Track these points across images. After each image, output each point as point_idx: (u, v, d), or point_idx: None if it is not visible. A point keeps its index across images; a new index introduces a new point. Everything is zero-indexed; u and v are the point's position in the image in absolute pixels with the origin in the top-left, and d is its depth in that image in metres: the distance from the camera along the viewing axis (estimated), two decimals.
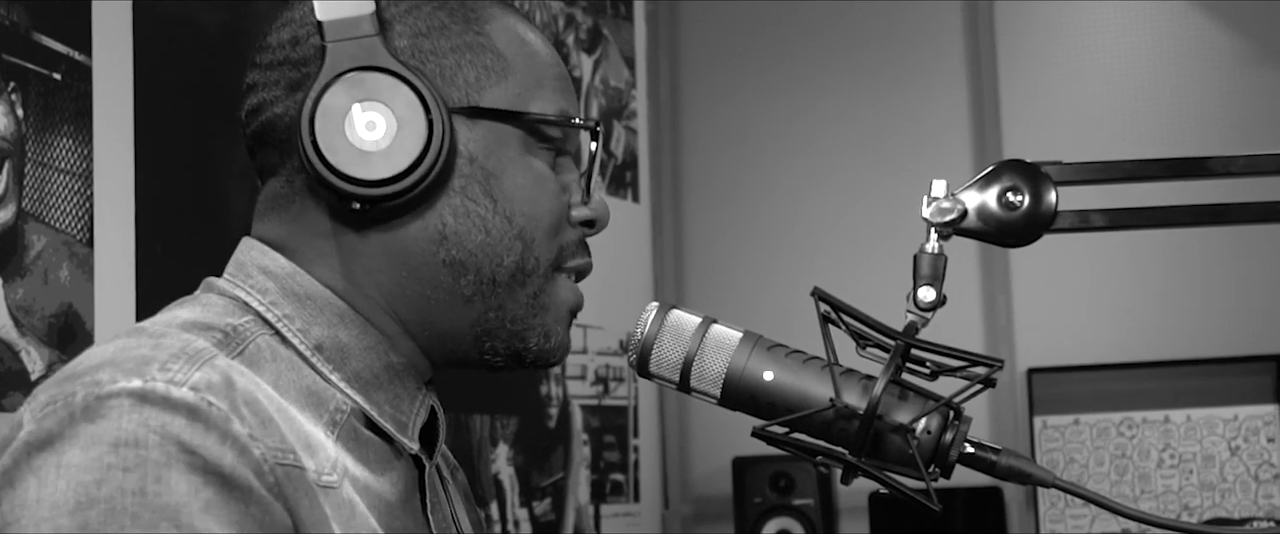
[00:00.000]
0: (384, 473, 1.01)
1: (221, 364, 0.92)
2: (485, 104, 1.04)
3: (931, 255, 1.04)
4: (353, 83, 0.99)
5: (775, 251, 3.47)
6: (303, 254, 1.04)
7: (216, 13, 1.95)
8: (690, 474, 3.50)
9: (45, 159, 1.68)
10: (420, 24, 1.04)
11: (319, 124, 0.98)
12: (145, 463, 0.84)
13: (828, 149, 3.47)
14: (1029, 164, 1.07)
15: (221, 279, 1.05)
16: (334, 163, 0.98)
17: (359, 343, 1.02)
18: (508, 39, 1.07)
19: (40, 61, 1.67)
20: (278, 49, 1.05)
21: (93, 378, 0.88)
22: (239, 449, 0.87)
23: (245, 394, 0.91)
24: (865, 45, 3.47)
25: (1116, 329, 3.22)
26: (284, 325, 1.01)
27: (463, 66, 1.04)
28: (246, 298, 1.02)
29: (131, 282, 1.76)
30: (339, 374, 1.01)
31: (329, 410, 0.99)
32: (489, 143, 1.04)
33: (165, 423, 0.86)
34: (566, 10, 2.97)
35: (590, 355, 2.94)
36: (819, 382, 0.99)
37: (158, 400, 0.86)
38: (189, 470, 0.85)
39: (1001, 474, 0.99)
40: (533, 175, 1.05)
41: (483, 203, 1.02)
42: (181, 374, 0.89)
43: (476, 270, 1.03)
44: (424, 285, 1.03)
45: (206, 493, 0.85)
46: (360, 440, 1.00)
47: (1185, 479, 3.05)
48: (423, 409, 1.06)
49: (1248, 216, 1.07)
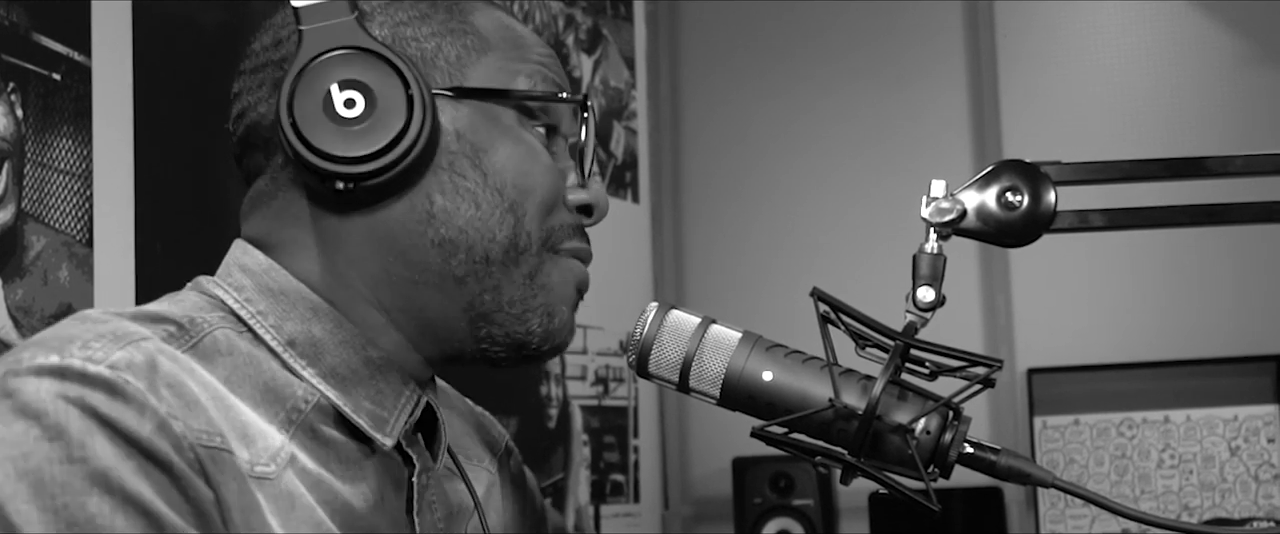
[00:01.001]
0: (350, 472, 1.00)
1: (149, 347, 0.91)
2: (469, 83, 1.03)
3: (931, 255, 1.04)
4: (330, 63, 0.98)
5: (775, 252, 3.47)
6: (284, 248, 1.03)
7: (216, 13, 1.95)
8: (690, 475, 3.50)
9: (45, 159, 1.68)
10: (400, 14, 1.04)
11: (298, 105, 0.97)
12: (66, 434, 0.85)
13: (827, 149, 3.47)
14: (1028, 164, 1.07)
15: (206, 278, 1.04)
16: (314, 142, 0.97)
17: (333, 337, 1.01)
18: (490, 23, 1.07)
19: (40, 62, 1.67)
20: (260, 53, 1.06)
21: (16, 356, 0.89)
22: (157, 422, 0.87)
23: (168, 376, 0.90)
24: (865, 45, 3.47)
25: (1116, 329, 3.22)
26: (257, 322, 1.00)
27: (443, 48, 1.04)
28: (222, 295, 1.01)
29: (131, 282, 1.76)
30: (312, 369, 1.00)
31: (286, 408, 0.98)
32: (476, 120, 1.03)
33: (83, 395, 0.86)
34: (566, 10, 2.97)
35: (590, 356, 2.94)
36: (818, 382, 0.99)
37: (74, 376, 0.87)
38: (110, 440, 0.85)
39: (1001, 474, 0.99)
40: (524, 148, 1.04)
41: (471, 177, 1.01)
42: (101, 353, 0.88)
43: (468, 248, 1.01)
44: (412, 270, 1.01)
45: (133, 461, 0.85)
46: (320, 438, 0.99)
47: (1185, 479, 3.05)
48: (409, 406, 1.04)
49: (1247, 217, 1.07)
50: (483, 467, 1.21)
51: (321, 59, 0.98)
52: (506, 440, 1.30)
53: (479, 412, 1.30)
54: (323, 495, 0.97)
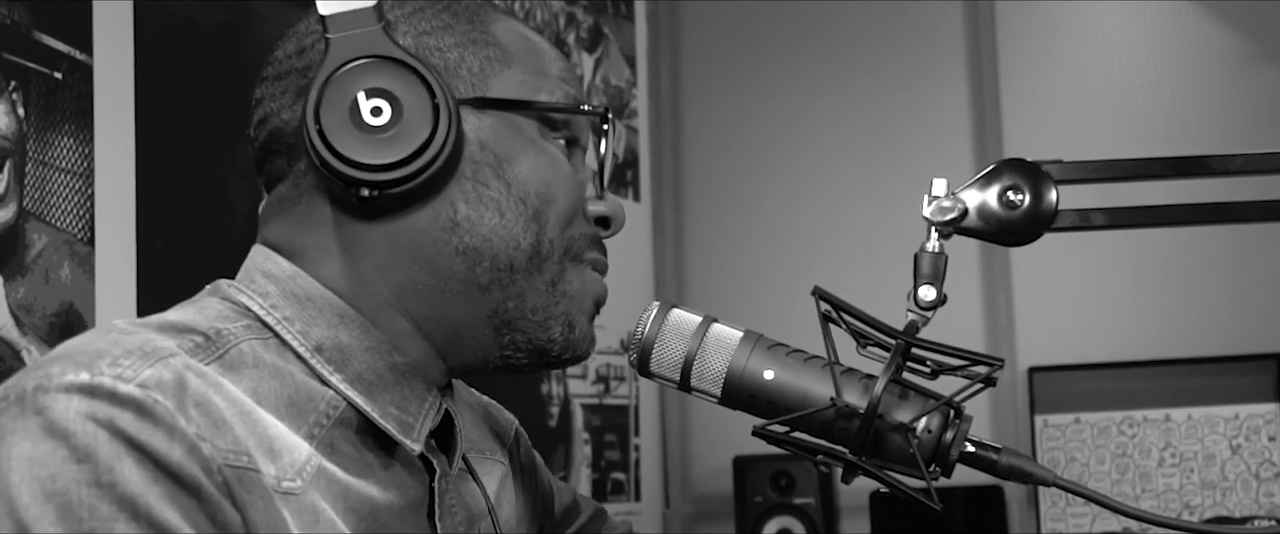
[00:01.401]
0: (378, 479, 1.00)
1: (177, 364, 0.90)
2: (493, 94, 1.04)
3: (932, 254, 1.04)
4: (357, 71, 0.99)
5: (776, 251, 3.47)
6: (308, 255, 1.03)
7: (217, 12, 1.95)
8: (691, 473, 3.50)
9: (46, 158, 1.68)
10: (423, 24, 1.05)
11: (325, 112, 0.98)
12: (95, 456, 0.84)
13: (829, 148, 3.47)
14: (1029, 163, 1.07)
15: (227, 283, 1.04)
16: (341, 149, 0.98)
17: (360, 343, 1.01)
18: (511, 35, 1.08)
19: (41, 60, 1.67)
20: (284, 61, 1.06)
21: (45, 371, 0.88)
22: (187, 446, 0.87)
23: (196, 395, 0.90)
24: (866, 44, 3.47)
25: (1117, 328, 3.22)
26: (284, 328, 1.00)
27: (467, 59, 1.04)
28: (247, 302, 1.01)
29: (132, 280, 1.76)
30: (340, 375, 1.00)
31: (312, 417, 0.98)
32: (499, 130, 1.03)
33: (112, 417, 0.86)
34: (567, 9, 2.97)
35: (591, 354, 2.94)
36: (819, 381, 0.99)
37: (104, 395, 0.86)
38: (139, 464, 0.85)
39: (1002, 473, 0.99)
40: (547, 158, 1.05)
41: (495, 186, 1.02)
42: (131, 370, 0.88)
43: (492, 257, 1.02)
44: (437, 277, 1.02)
45: (160, 486, 0.85)
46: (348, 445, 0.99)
47: (1186, 478, 3.05)
48: (432, 412, 1.04)
49: (1248, 215, 1.07)
50: (495, 459, 1.22)
51: (348, 67, 0.99)
52: (515, 426, 1.31)
53: (485, 401, 1.31)
54: (351, 503, 0.97)
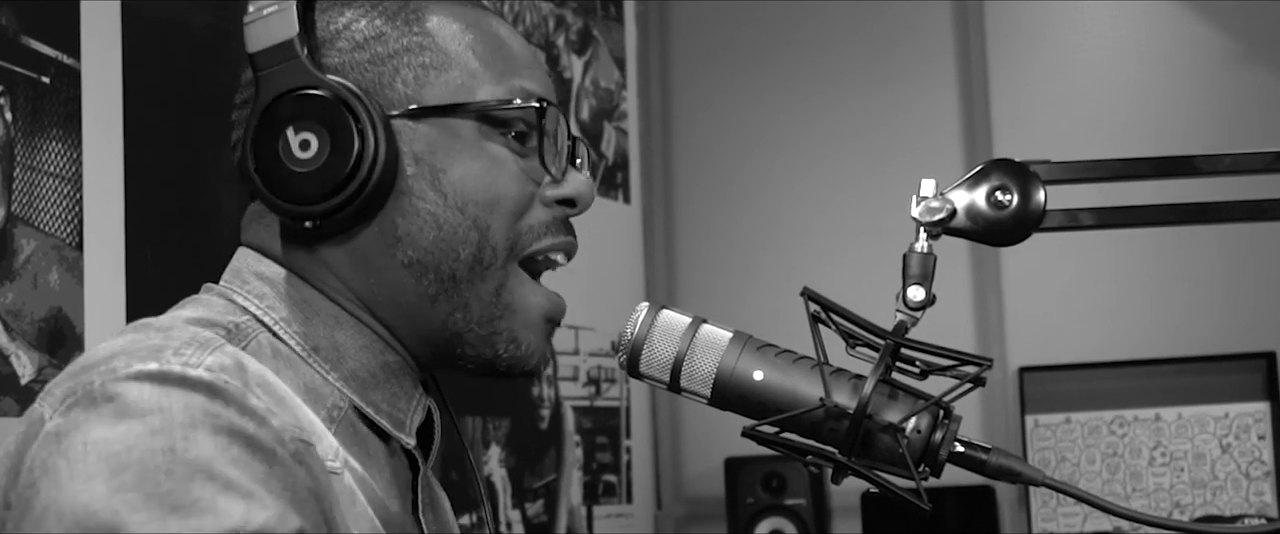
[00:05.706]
0: (380, 470, 1.03)
1: (231, 350, 0.94)
2: (428, 102, 1.04)
3: (921, 255, 1.04)
4: (284, 106, 1.01)
5: (766, 252, 3.47)
6: (290, 262, 1.06)
7: (205, 15, 1.95)
8: (683, 475, 3.50)
9: (34, 163, 1.68)
10: (356, 36, 1.05)
11: (257, 152, 1.01)
12: (171, 426, 0.86)
13: (818, 149, 3.47)
14: (1018, 163, 1.07)
15: (219, 285, 1.06)
16: (274, 189, 1.01)
17: (354, 342, 1.04)
18: (449, 32, 1.07)
19: (29, 65, 1.67)
20: (244, 88, 1.08)
21: (108, 365, 0.90)
22: (259, 420, 0.90)
23: (258, 376, 0.94)
24: (855, 45, 3.48)
25: (1107, 327, 3.22)
26: (281, 328, 1.02)
27: (401, 70, 1.05)
28: (244, 302, 1.04)
29: (121, 285, 1.76)
30: (336, 374, 1.02)
31: (327, 406, 1.01)
32: (434, 139, 1.04)
33: (186, 399, 0.88)
34: (556, 12, 2.97)
35: (582, 356, 2.94)
36: (809, 381, 0.99)
37: (175, 380, 0.89)
38: (214, 431, 0.87)
39: (991, 473, 0.99)
40: (485, 161, 1.05)
41: (430, 199, 1.03)
42: (196, 358, 0.91)
43: (435, 268, 1.03)
44: (392, 289, 1.04)
45: (233, 450, 0.87)
46: (357, 436, 1.02)
47: (1176, 477, 3.05)
48: (419, 408, 1.07)
49: (1236, 215, 1.07)
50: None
51: (274, 104, 1.01)
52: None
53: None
54: (368, 493, 1.00)
